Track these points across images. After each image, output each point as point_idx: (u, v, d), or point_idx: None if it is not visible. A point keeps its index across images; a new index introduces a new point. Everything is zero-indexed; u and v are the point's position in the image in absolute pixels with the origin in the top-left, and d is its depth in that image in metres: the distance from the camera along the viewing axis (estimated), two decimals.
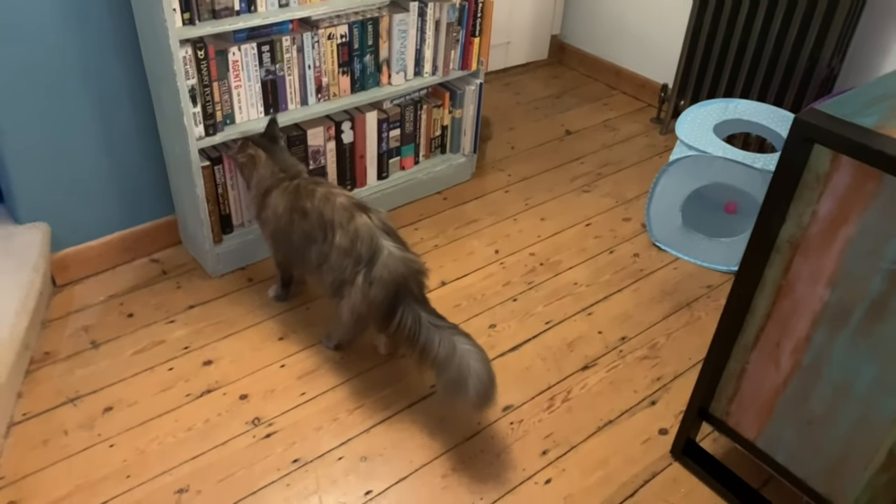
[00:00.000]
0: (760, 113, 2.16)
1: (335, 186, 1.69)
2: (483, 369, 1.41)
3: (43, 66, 1.67)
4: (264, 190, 1.72)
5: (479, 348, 1.45)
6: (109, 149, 1.86)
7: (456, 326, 1.50)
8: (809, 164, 1.11)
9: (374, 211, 1.61)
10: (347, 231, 1.55)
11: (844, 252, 1.11)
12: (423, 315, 1.50)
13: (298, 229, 1.63)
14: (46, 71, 1.68)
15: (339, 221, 1.57)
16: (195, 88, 1.71)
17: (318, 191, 1.64)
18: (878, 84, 1.22)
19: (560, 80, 3.25)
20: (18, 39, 1.61)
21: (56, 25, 1.65)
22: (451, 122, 2.38)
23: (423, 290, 1.57)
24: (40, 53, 1.66)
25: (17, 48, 1.62)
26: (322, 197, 1.62)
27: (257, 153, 1.72)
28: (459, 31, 2.18)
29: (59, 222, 1.86)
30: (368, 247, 1.53)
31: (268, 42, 1.81)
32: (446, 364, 1.43)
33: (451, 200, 2.39)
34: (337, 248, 1.56)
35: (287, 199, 1.66)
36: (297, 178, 1.70)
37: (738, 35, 2.48)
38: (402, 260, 1.54)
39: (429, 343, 1.47)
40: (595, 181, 2.53)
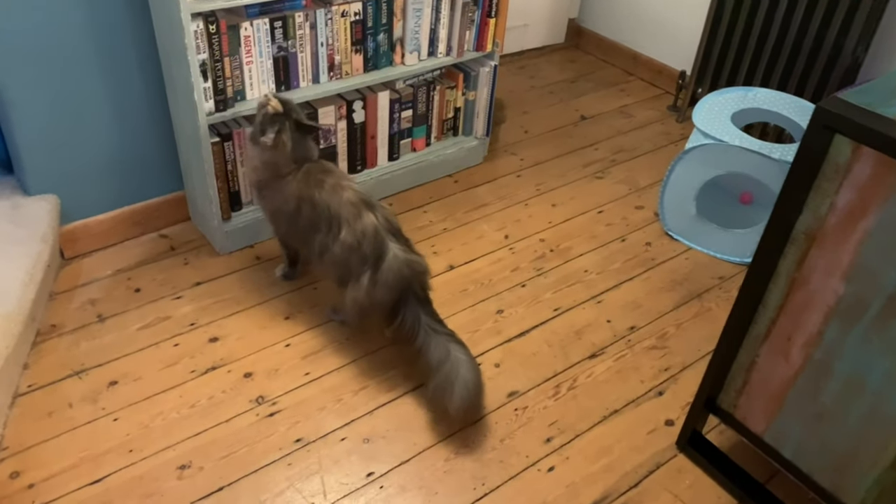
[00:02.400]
0: (780, 102, 2.12)
1: (344, 176, 1.66)
2: (471, 379, 1.46)
3: (54, 39, 1.66)
4: (275, 174, 1.67)
5: (471, 358, 1.50)
6: (120, 122, 1.85)
7: (453, 334, 1.55)
8: (829, 154, 1.08)
9: (380, 208, 1.60)
10: (354, 229, 1.55)
11: (862, 245, 1.08)
12: (424, 318, 1.54)
13: (304, 217, 1.61)
14: (57, 43, 1.67)
15: (345, 217, 1.56)
16: (206, 63, 1.70)
17: (326, 181, 1.61)
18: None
19: (576, 64, 3.21)
20: (30, 12, 1.60)
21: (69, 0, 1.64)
22: (464, 104, 2.35)
23: (426, 291, 1.60)
24: (52, 26, 1.64)
25: (28, 20, 1.61)
26: (330, 188, 1.59)
27: (286, 142, 1.63)
28: (475, 12, 2.15)
29: (68, 195, 1.86)
30: (374, 247, 1.54)
31: (280, 18, 1.79)
32: (438, 368, 1.49)
33: (461, 183, 2.37)
34: (342, 243, 1.55)
35: (295, 185, 1.63)
36: (307, 163, 1.67)
37: (761, 21, 2.42)
38: (406, 262, 1.55)
39: (425, 346, 1.52)
40: (608, 168, 2.50)
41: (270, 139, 1.60)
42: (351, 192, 1.59)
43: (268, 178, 1.66)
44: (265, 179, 1.67)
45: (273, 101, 1.60)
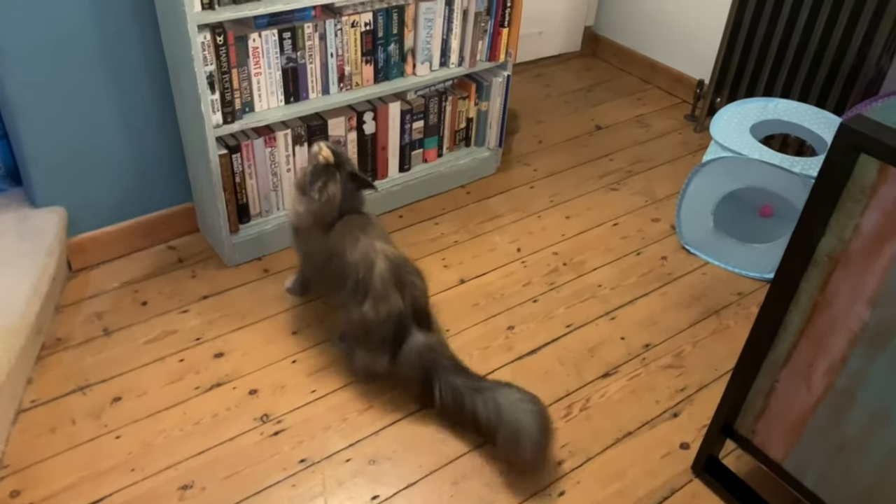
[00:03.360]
0: (801, 114, 2.06)
1: (382, 235, 1.58)
2: (533, 423, 1.40)
3: (63, 50, 1.65)
4: (317, 224, 1.59)
5: (524, 399, 1.44)
6: (128, 134, 1.84)
7: (496, 384, 1.49)
8: (854, 174, 1.03)
9: (410, 286, 1.54)
10: (378, 308, 1.50)
11: (889, 270, 1.03)
12: (460, 383, 1.49)
13: (333, 271, 1.55)
14: (66, 55, 1.66)
15: (373, 291, 1.50)
16: (213, 75, 1.68)
17: (362, 241, 1.53)
18: None
19: (592, 72, 3.16)
20: (39, 22, 1.59)
21: (78, 9, 1.62)
22: (476, 114, 2.32)
23: (453, 360, 1.55)
24: (60, 37, 1.63)
25: (38, 31, 1.60)
26: (363, 253, 1.52)
27: (335, 194, 1.55)
28: (488, 22, 2.11)
29: (76, 206, 1.84)
30: (396, 330, 1.52)
31: (289, 29, 1.77)
32: (497, 427, 1.43)
33: (474, 195, 2.33)
34: (364, 315, 1.51)
35: (332, 237, 1.56)
36: (348, 214, 1.58)
37: (781, 30, 2.37)
38: (428, 347, 1.53)
39: (474, 409, 1.46)
40: (624, 179, 2.45)
41: (318, 189, 1.53)
42: (383, 264, 1.52)
43: (308, 226, 1.60)
44: (305, 227, 1.60)
45: (325, 152, 1.54)
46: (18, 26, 1.57)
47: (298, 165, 1.98)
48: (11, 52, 1.59)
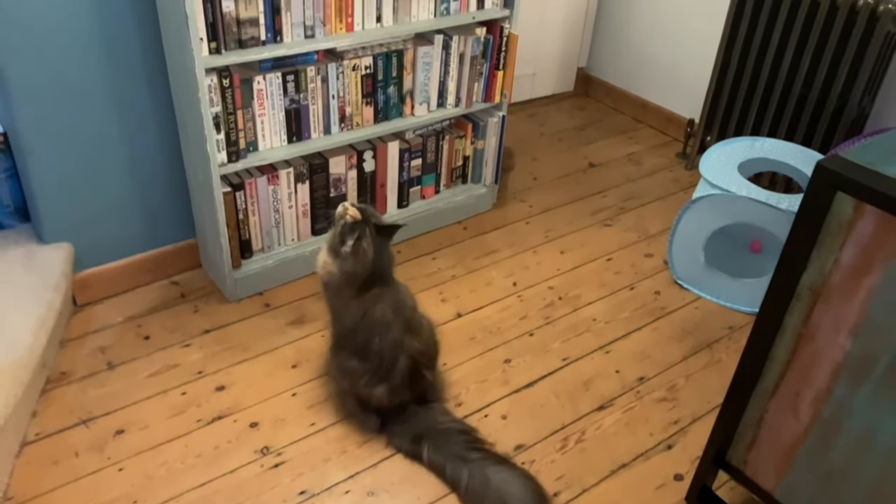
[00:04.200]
0: (787, 152, 2.13)
1: (408, 329, 1.57)
2: (524, 494, 1.45)
3: (73, 90, 1.71)
4: (349, 285, 1.57)
5: (516, 473, 1.49)
6: (134, 171, 1.90)
7: (487, 456, 1.53)
8: (832, 211, 1.08)
9: (421, 381, 1.60)
10: (391, 398, 1.57)
11: (868, 302, 1.08)
12: (447, 451, 1.54)
13: (358, 341, 1.56)
14: (76, 94, 1.72)
15: (390, 383, 1.55)
16: (219, 116, 1.74)
17: (391, 333, 1.53)
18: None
19: (585, 112, 3.25)
20: (50, 63, 1.66)
21: (87, 50, 1.69)
22: (472, 152, 2.38)
23: (447, 426, 1.61)
24: (71, 78, 1.70)
25: (48, 71, 1.66)
26: (390, 347, 1.53)
27: (367, 249, 1.54)
28: (483, 65, 2.19)
29: (82, 242, 1.89)
30: (396, 410, 1.60)
31: (293, 72, 1.84)
32: (483, 497, 1.47)
33: (470, 230, 2.38)
34: (374, 394, 1.56)
35: (362, 310, 1.55)
36: (377, 287, 1.57)
37: (767, 72, 2.45)
38: (422, 419, 1.61)
39: (457, 481, 1.50)
40: (617, 215, 2.51)
41: (350, 247, 1.53)
42: (406, 362, 1.54)
43: (341, 284, 1.58)
44: (337, 285, 1.59)
45: (351, 211, 1.55)
46: (31, 71, 1.64)
47: (300, 202, 2.03)
48: (23, 94, 1.65)
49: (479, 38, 2.13)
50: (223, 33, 1.68)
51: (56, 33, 1.63)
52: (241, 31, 1.71)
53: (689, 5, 2.83)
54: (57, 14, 1.62)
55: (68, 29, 1.65)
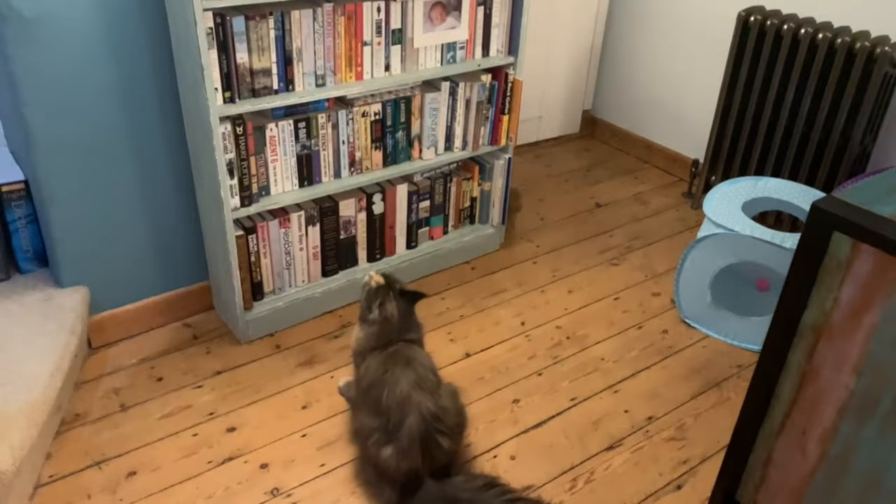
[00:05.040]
0: (790, 191, 2.16)
1: (418, 384, 1.54)
2: None
3: (92, 139, 1.77)
4: (376, 344, 1.63)
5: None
6: (150, 216, 1.95)
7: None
8: (830, 250, 1.11)
9: (436, 447, 1.51)
10: (398, 462, 1.50)
11: (869, 340, 1.09)
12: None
13: (370, 398, 1.57)
14: (95, 143, 1.78)
15: (397, 444, 1.49)
16: (233, 162, 1.79)
17: (400, 386, 1.52)
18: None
19: (591, 153, 3.30)
20: (71, 113, 1.72)
21: (107, 101, 1.76)
22: (480, 194, 2.43)
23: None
24: (91, 127, 1.76)
25: (69, 121, 1.73)
26: (399, 401, 1.51)
27: (393, 312, 1.62)
28: (489, 109, 2.25)
29: (98, 286, 1.93)
30: (408, 481, 1.52)
31: (304, 119, 1.90)
32: None
33: (478, 270, 2.41)
34: (382, 458, 1.52)
35: (378, 363, 1.59)
36: (395, 344, 1.62)
37: (769, 112, 2.50)
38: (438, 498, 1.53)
39: None
40: (624, 254, 2.53)
41: (377, 313, 1.61)
42: (416, 419, 1.49)
43: (369, 349, 1.63)
44: (365, 350, 1.64)
45: (376, 277, 1.65)
46: (52, 121, 1.70)
47: (311, 244, 2.07)
48: (45, 144, 1.71)
49: (484, 85, 2.19)
50: (237, 83, 1.74)
51: (78, 85, 1.70)
52: (255, 81, 1.77)
53: (689, 48, 2.90)
54: (79, 67, 1.69)
55: (90, 81, 1.72)
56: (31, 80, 1.64)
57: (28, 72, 1.63)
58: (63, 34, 1.64)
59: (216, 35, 1.66)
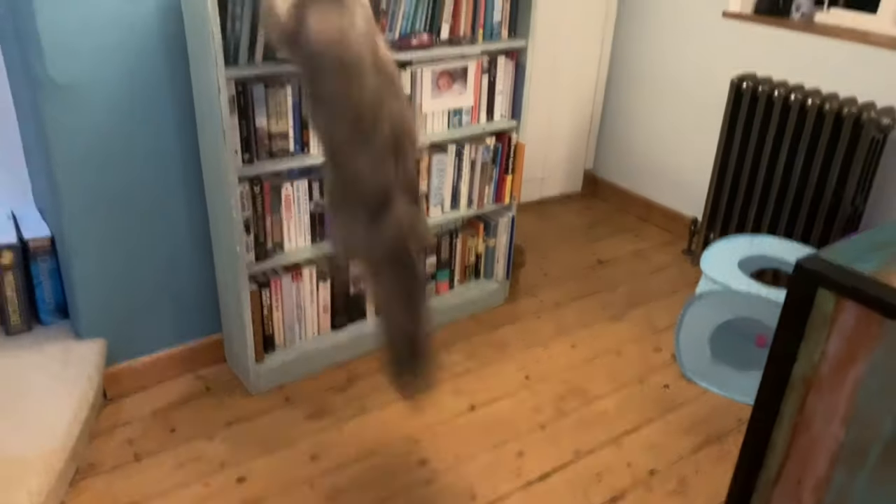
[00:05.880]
0: (785, 249, 2.23)
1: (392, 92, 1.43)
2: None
3: (117, 197, 1.87)
4: None
5: None
6: (168, 271, 2.03)
7: None
8: (816, 305, 1.17)
9: (404, 155, 1.43)
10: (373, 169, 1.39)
11: (856, 392, 1.14)
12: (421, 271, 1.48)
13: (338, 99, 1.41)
14: (120, 200, 1.88)
15: (373, 152, 1.38)
16: (249, 219, 1.88)
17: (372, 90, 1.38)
18: (881, 231, 1.29)
19: (593, 211, 3.39)
20: (97, 171, 1.82)
21: (132, 160, 1.86)
22: (485, 250, 2.51)
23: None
24: (116, 186, 1.86)
25: (96, 179, 1.83)
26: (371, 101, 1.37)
27: None
28: (494, 170, 2.35)
29: (115, 338, 2.00)
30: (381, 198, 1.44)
31: (318, 179, 1.99)
32: None
33: (483, 325, 2.47)
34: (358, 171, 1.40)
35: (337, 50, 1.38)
36: None
37: (764, 172, 2.59)
38: (406, 226, 1.47)
39: None
40: (626, 310, 2.59)
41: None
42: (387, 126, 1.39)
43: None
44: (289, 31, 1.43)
45: None
46: (80, 181, 1.80)
47: (321, 299, 2.14)
48: (72, 201, 1.81)
49: (489, 147, 2.30)
50: (256, 145, 1.84)
51: (105, 146, 1.81)
52: (273, 144, 1.88)
53: (685, 111, 3.02)
54: (107, 129, 1.80)
55: (116, 142, 1.82)
56: (61, 141, 1.75)
57: (59, 133, 1.74)
58: (93, 99, 1.75)
59: (237, 102, 1.77)
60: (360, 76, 1.38)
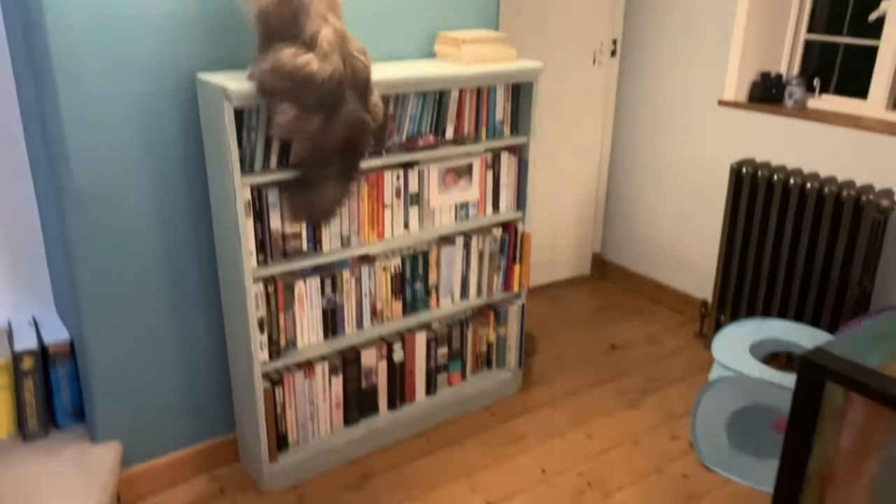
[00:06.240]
0: (796, 333, 2.23)
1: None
2: None
3: (135, 300, 1.92)
4: None
5: None
6: (185, 371, 2.05)
7: None
8: (825, 399, 1.17)
9: (350, 57, 1.65)
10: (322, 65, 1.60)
11: (872, 488, 1.13)
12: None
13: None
14: (138, 304, 1.92)
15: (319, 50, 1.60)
16: (263, 319, 1.92)
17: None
18: (885, 321, 1.30)
19: (603, 293, 3.41)
20: (117, 275, 1.88)
21: (151, 263, 1.92)
22: (496, 339, 2.52)
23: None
24: (135, 290, 1.91)
25: (115, 281, 1.88)
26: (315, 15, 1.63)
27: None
28: (501, 259, 2.40)
29: (130, 440, 2.00)
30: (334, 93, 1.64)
31: (330, 276, 2.04)
32: None
33: (498, 416, 2.45)
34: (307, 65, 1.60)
35: None
36: None
37: (769, 254, 2.62)
38: (358, 119, 1.69)
39: None
40: (642, 397, 2.57)
41: None
42: (330, 30, 1.63)
43: None
44: None
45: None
46: (100, 284, 1.85)
47: (334, 394, 2.15)
48: (91, 305, 1.86)
49: (496, 238, 2.35)
50: (270, 246, 1.90)
51: (125, 250, 1.87)
52: (286, 244, 1.94)
53: (688, 194, 3.08)
54: (127, 234, 1.87)
55: (136, 246, 1.88)
56: (83, 247, 1.81)
57: (82, 240, 1.80)
58: (116, 208, 1.83)
59: (252, 205, 1.84)
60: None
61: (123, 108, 1.77)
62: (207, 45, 1.84)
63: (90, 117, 1.73)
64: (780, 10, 2.75)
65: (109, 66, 1.73)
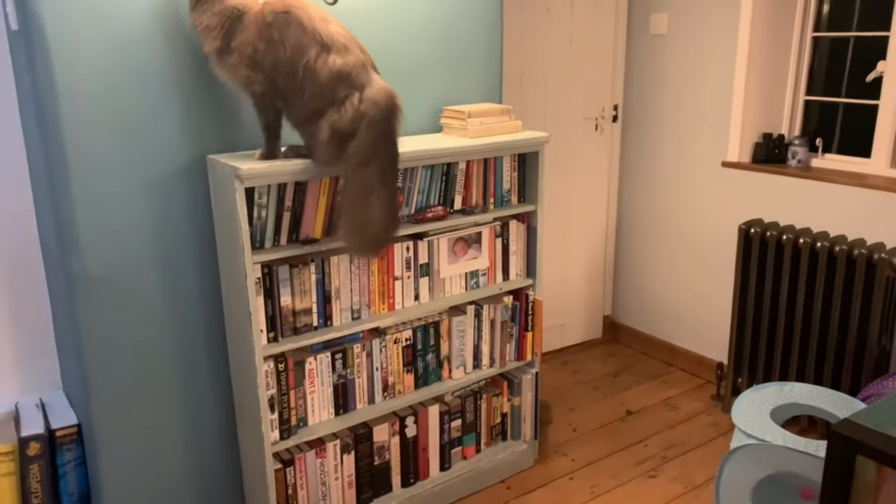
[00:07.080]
0: (817, 396, 2.17)
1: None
2: None
3: (145, 381, 1.90)
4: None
5: None
6: (194, 454, 2.01)
7: None
8: (857, 473, 1.13)
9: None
10: (346, 58, 1.75)
11: None
12: None
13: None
14: (147, 386, 1.90)
15: (336, 48, 1.75)
16: (274, 397, 1.89)
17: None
18: None
19: (616, 357, 3.36)
20: (127, 359, 1.86)
21: (161, 344, 1.91)
22: (510, 409, 2.47)
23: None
24: (145, 370, 1.89)
25: (126, 365, 1.86)
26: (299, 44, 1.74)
27: None
28: (513, 327, 2.37)
29: None
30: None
31: (341, 350, 2.02)
32: None
33: (514, 490, 2.38)
34: (332, 63, 1.74)
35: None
36: None
37: (783, 315, 2.59)
38: (385, 93, 1.79)
39: None
40: (661, 465, 2.50)
41: None
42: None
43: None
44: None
45: None
46: (110, 368, 1.84)
47: (346, 473, 2.10)
48: (101, 389, 1.84)
49: (507, 306, 2.34)
50: (280, 323, 1.89)
51: (135, 333, 1.86)
52: (297, 320, 1.92)
53: (697, 256, 3.08)
54: (137, 315, 1.86)
55: (147, 329, 1.88)
56: (93, 332, 1.80)
57: (91, 325, 1.80)
58: (126, 291, 1.83)
59: (263, 283, 1.84)
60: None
61: (135, 189, 1.79)
62: (219, 129, 1.88)
63: (101, 198, 1.75)
64: (778, 72, 2.80)
65: (121, 148, 1.76)
